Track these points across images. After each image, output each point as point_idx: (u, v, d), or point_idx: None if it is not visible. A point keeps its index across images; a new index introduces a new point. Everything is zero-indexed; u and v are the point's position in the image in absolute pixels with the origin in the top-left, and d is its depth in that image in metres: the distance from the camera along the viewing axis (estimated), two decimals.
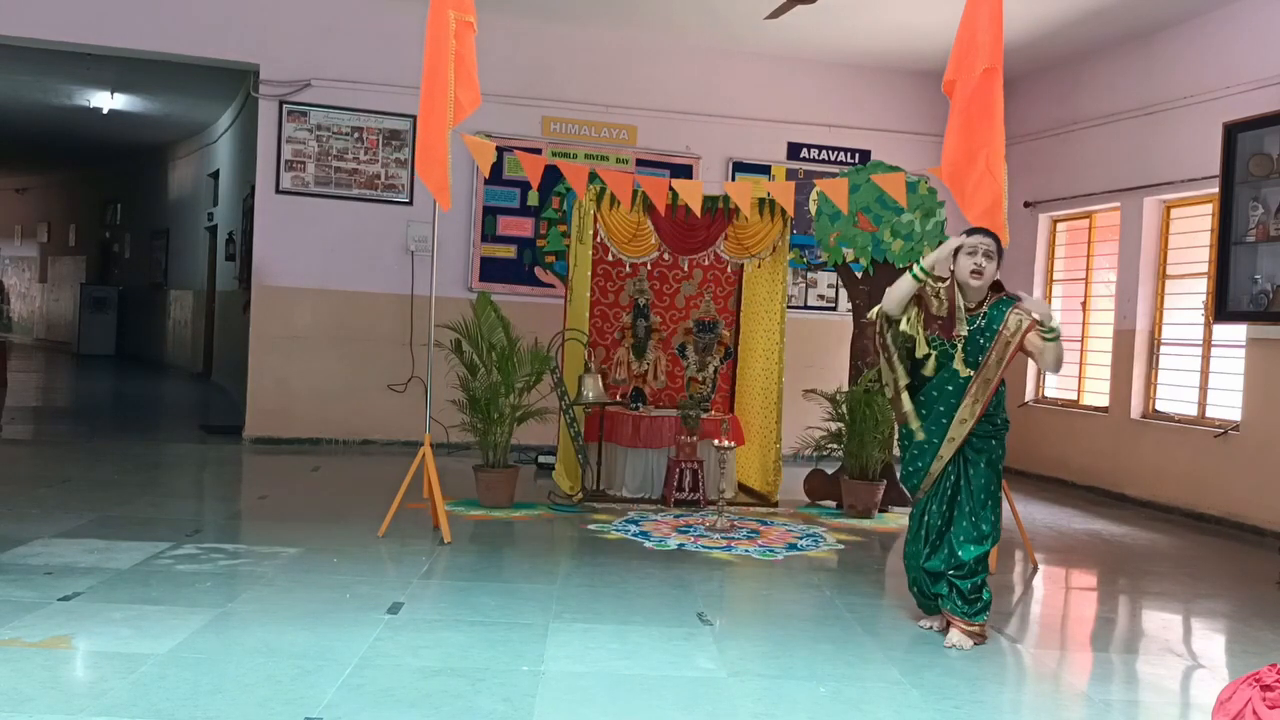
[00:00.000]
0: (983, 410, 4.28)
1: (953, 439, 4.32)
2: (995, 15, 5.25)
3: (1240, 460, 7.42)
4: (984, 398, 4.27)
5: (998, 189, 5.28)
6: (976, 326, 4.30)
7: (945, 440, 4.33)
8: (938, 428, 4.34)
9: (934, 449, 4.36)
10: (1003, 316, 4.28)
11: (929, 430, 4.36)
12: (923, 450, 4.40)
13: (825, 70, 10.09)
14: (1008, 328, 4.25)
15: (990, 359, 4.25)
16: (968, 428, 4.29)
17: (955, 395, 4.32)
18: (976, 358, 4.28)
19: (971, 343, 4.30)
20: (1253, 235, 7.25)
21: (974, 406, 4.29)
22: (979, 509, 4.36)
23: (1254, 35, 7.53)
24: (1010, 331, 4.24)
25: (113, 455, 8.28)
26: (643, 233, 7.24)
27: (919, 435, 4.39)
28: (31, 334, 23.13)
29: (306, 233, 9.13)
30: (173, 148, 17.09)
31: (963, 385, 4.31)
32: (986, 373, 4.26)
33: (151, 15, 8.79)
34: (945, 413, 4.34)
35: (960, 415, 4.29)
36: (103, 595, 4.36)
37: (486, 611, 4.44)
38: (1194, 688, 4.20)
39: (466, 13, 5.51)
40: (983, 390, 4.27)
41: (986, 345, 4.27)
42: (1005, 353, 4.25)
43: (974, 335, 4.30)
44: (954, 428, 4.31)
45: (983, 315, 4.31)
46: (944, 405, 4.34)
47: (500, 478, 6.77)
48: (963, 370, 4.29)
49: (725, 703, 3.59)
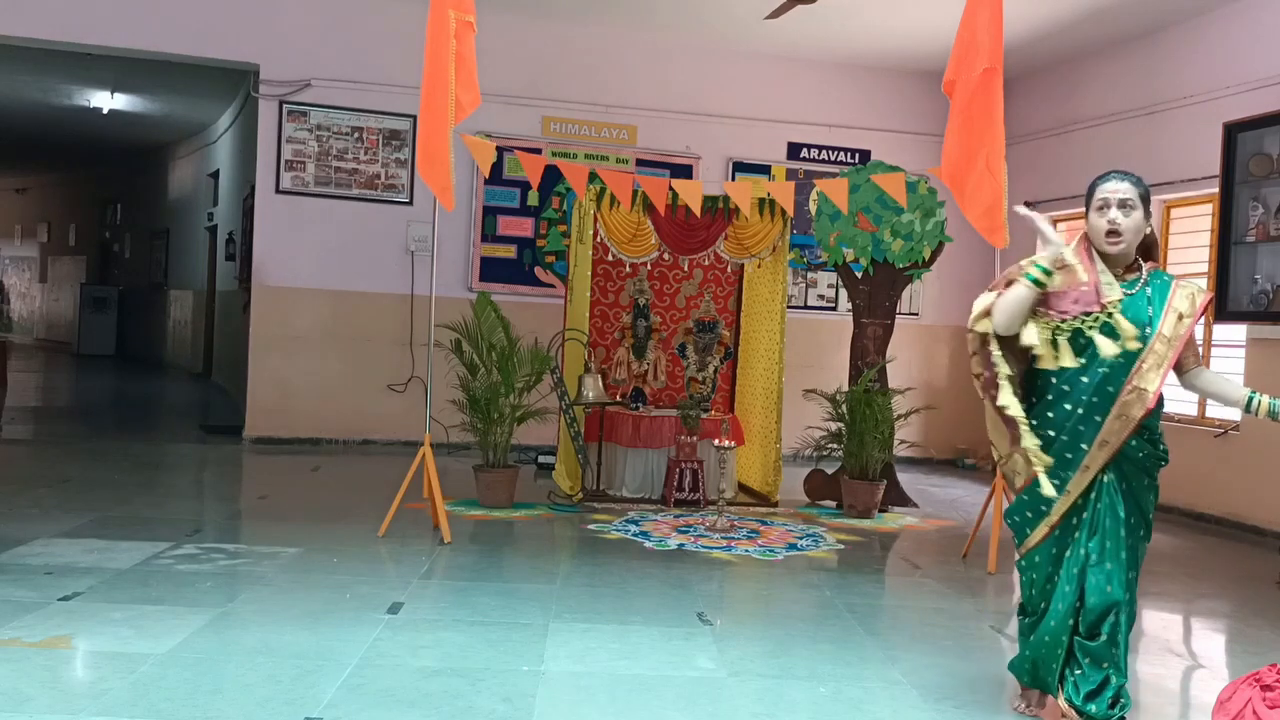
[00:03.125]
0: (1150, 408, 3.25)
1: (1105, 442, 3.28)
2: (995, 15, 5.25)
3: (1240, 460, 7.41)
4: (1155, 384, 3.23)
5: (998, 189, 5.27)
6: (1138, 292, 3.31)
7: (1096, 444, 3.29)
8: (1088, 427, 3.30)
9: (1080, 456, 3.31)
10: (1167, 287, 3.32)
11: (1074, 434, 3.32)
12: (1062, 462, 3.34)
13: (825, 70, 10.09)
14: (1178, 299, 3.29)
15: (1163, 330, 3.25)
16: (1127, 428, 3.26)
17: (1112, 381, 3.27)
18: (1144, 334, 3.26)
19: (1138, 318, 3.27)
20: (1253, 235, 7.25)
21: (1138, 400, 3.25)
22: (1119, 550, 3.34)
23: (1254, 35, 7.53)
24: (1183, 306, 3.28)
25: (113, 455, 8.28)
26: (643, 233, 7.25)
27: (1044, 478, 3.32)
28: (31, 334, 23.13)
29: (306, 233, 9.13)
30: (173, 148, 17.09)
31: (1120, 367, 3.26)
32: (1157, 355, 3.25)
33: (151, 15, 8.80)
34: (1099, 405, 3.28)
35: (1118, 411, 3.26)
36: (103, 595, 4.36)
37: (486, 611, 4.44)
38: (1194, 688, 4.20)
39: (466, 12, 5.51)
40: (1153, 375, 3.23)
41: (1154, 322, 3.26)
42: (1178, 331, 3.26)
43: (1135, 300, 3.29)
44: (1109, 427, 3.27)
45: (1143, 282, 3.33)
46: (1098, 396, 3.28)
47: (500, 478, 6.77)
48: (1130, 341, 3.23)
49: (725, 703, 3.59)
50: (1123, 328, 3.24)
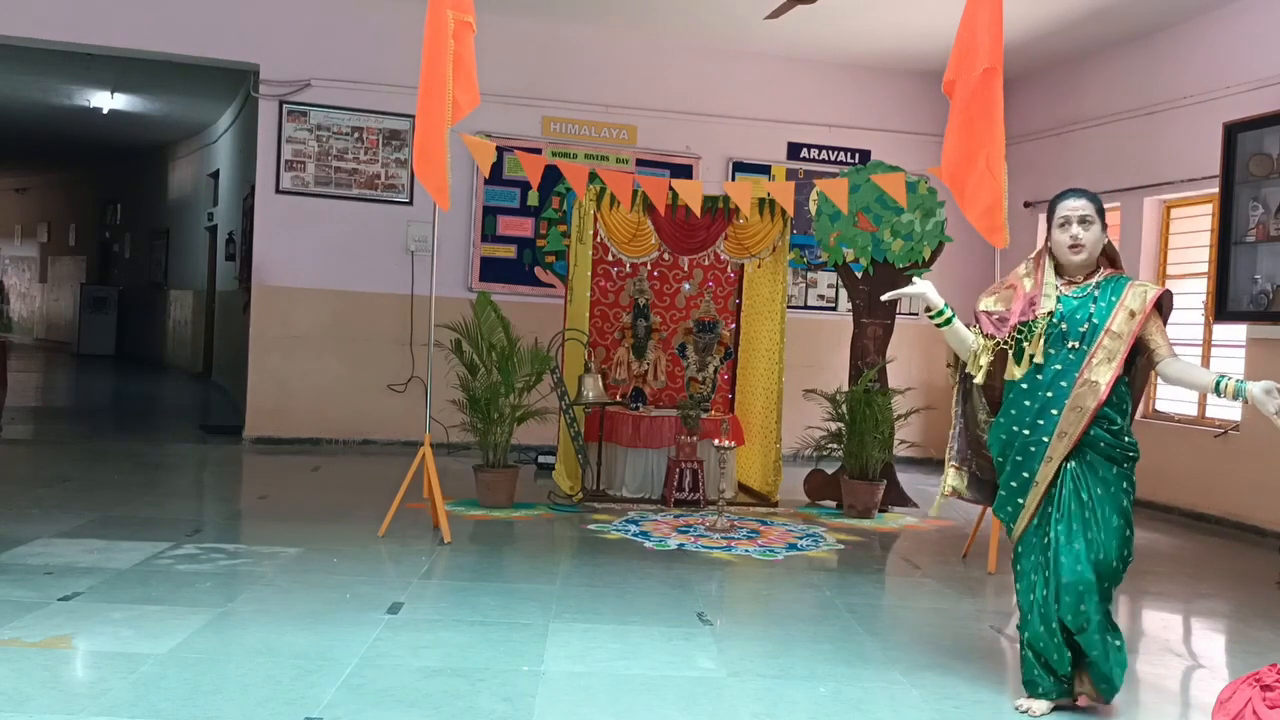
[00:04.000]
0: (1103, 399, 3.51)
1: (1064, 433, 3.55)
2: (995, 15, 5.25)
3: (1240, 460, 7.41)
4: (1107, 376, 3.51)
5: (998, 189, 5.27)
6: (1086, 296, 3.62)
7: (1055, 435, 3.57)
8: (1046, 420, 3.58)
9: (1042, 449, 3.59)
10: (1121, 288, 3.60)
11: (1034, 428, 3.60)
12: (1028, 456, 3.62)
13: (825, 70, 10.09)
14: (1130, 298, 3.57)
15: (1111, 326, 3.54)
16: (1084, 418, 3.51)
17: (1065, 376, 3.57)
18: (1080, 331, 3.57)
19: (1073, 316, 3.59)
20: (1253, 235, 7.25)
21: (1091, 393, 3.52)
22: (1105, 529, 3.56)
23: (1254, 35, 7.52)
24: (1134, 304, 3.55)
25: (113, 455, 8.28)
26: (643, 233, 7.25)
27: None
28: (31, 334, 23.13)
29: (306, 233, 9.13)
30: (173, 148, 17.08)
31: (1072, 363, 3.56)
32: (1106, 350, 3.53)
33: (151, 15, 8.80)
34: (1054, 400, 3.58)
35: (1073, 403, 3.54)
36: (103, 595, 4.36)
37: (486, 611, 4.44)
38: (1194, 688, 4.20)
39: (465, 13, 5.51)
40: (1104, 368, 3.52)
41: (1101, 318, 3.56)
42: (1129, 326, 3.53)
43: (1080, 305, 3.60)
44: (1065, 418, 3.54)
45: (1095, 286, 3.63)
46: (1051, 391, 3.59)
47: (500, 478, 6.77)
48: (1039, 354, 3.58)
49: (725, 703, 3.59)
50: (1035, 343, 3.61)
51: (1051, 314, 3.62)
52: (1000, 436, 3.71)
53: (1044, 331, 3.60)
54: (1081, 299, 3.63)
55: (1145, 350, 3.63)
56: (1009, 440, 3.67)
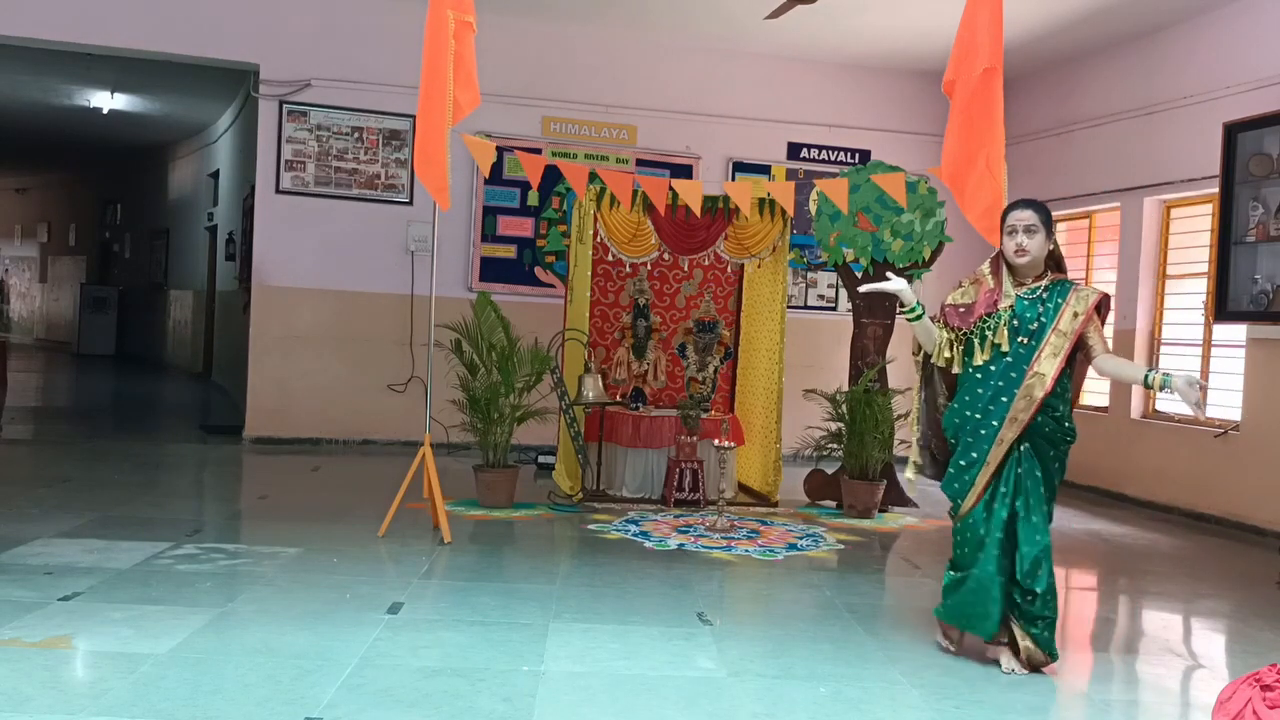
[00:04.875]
0: (1049, 389, 3.92)
1: (1015, 419, 3.95)
2: (995, 15, 5.24)
3: (1240, 460, 7.41)
4: (1052, 369, 3.92)
5: (998, 189, 5.26)
6: (1035, 297, 4.02)
7: (1007, 420, 3.97)
8: (998, 407, 3.99)
9: (992, 432, 3.99)
10: (1067, 292, 4.01)
11: (985, 413, 4.01)
12: (979, 438, 4.03)
13: (825, 70, 10.09)
14: (1075, 301, 3.96)
15: (1059, 325, 3.94)
16: (1032, 406, 3.93)
17: (1015, 368, 3.98)
18: (1031, 328, 3.99)
19: (1025, 315, 4.00)
20: (1253, 235, 7.26)
21: (1039, 383, 3.93)
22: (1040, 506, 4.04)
23: (1254, 35, 7.52)
24: (1079, 306, 3.95)
25: (113, 455, 8.28)
26: (643, 233, 7.24)
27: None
28: (31, 334, 23.14)
29: (306, 233, 9.13)
30: (173, 148, 17.09)
31: (1023, 357, 3.98)
32: (1053, 345, 3.94)
33: (151, 15, 8.80)
34: (1005, 388, 3.99)
35: (1022, 392, 3.95)
36: (103, 595, 4.36)
37: (486, 611, 4.44)
38: (1194, 688, 4.20)
39: (465, 13, 5.51)
40: (1049, 362, 3.93)
41: (1049, 318, 3.97)
42: (1074, 325, 3.93)
43: (1031, 305, 4.01)
44: (1016, 405, 3.95)
45: (1044, 289, 4.03)
46: (1002, 380, 4.00)
47: (500, 478, 6.77)
48: (1005, 343, 3.98)
49: (725, 703, 3.59)
50: (1000, 332, 4.02)
51: (1011, 308, 4.03)
52: (954, 420, 4.13)
53: (1006, 323, 4.01)
54: (1032, 300, 4.03)
55: (1084, 347, 4.03)
56: (962, 424, 4.09)
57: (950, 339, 4.15)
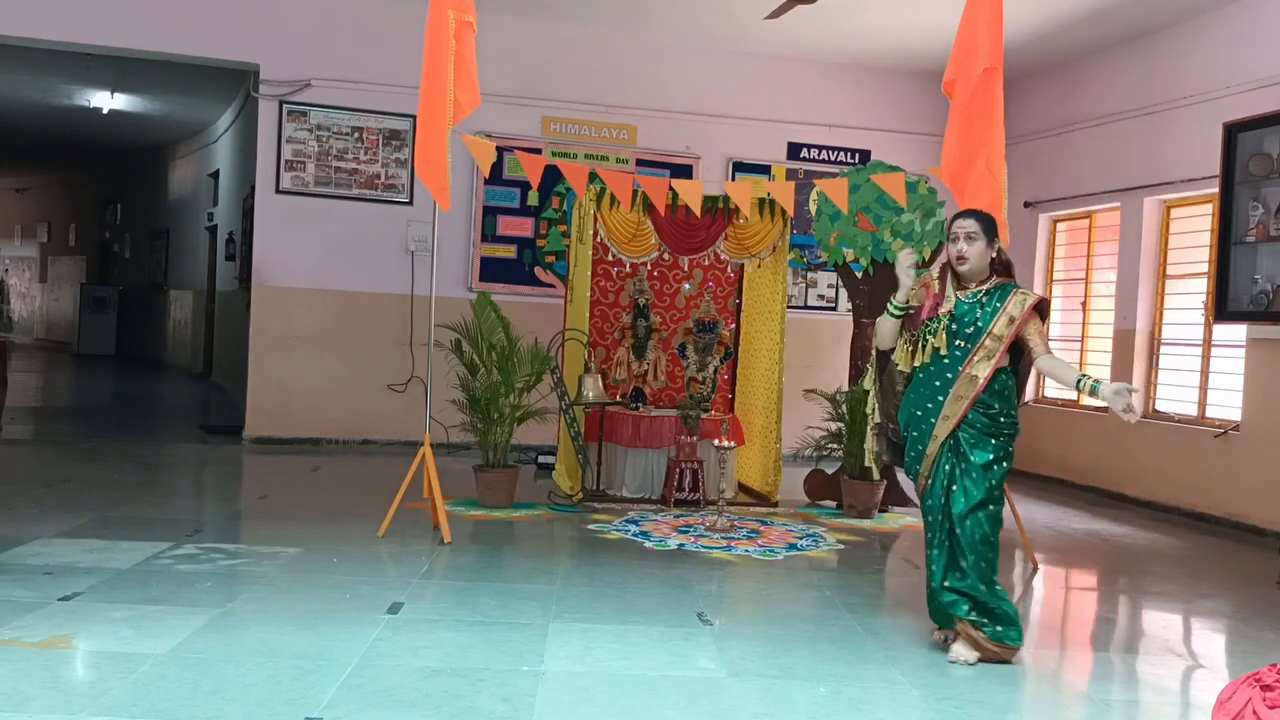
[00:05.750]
0: (980, 389, 4.10)
1: (948, 417, 4.17)
2: (995, 15, 5.25)
3: (1240, 460, 7.41)
4: (985, 371, 4.10)
5: (998, 189, 5.28)
6: (975, 301, 4.20)
7: (940, 418, 4.19)
8: (934, 405, 4.21)
9: (930, 428, 4.22)
10: (1006, 295, 4.17)
11: (924, 410, 4.24)
12: (921, 432, 4.27)
13: (825, 70, 10.09)
14: (1012, 305, 4.13)
15: (993, 329, 4.11)
16: (963, 405, 4.12)
17: (950, 369, 4.18)
18: (967, 332, 4.17)
19: (964, 318, 4.18)
20: (1253, 235, 7.26)
21: (971, 385, 4.13)
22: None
23: (1254, 35, 7.52)
24: (1015, 311, 4.11)
25: (113, 455, 8.28)
26: (643, 233, 7.24)
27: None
28: (31, 334, 23.13)
29: (306, 233, 9.13)
30: (173, 148, 17.08)
31: (957, 359, 4.17)
32: (987, 349, 4.11)
33: (151, 15, 8.80)
34: (940, 388, 4.20)
35: (956, 392, 4.15)
36: (103, 595, 4.36)
37: (486, 611, 4.44)
38: (1194, 688, 4.20)
39: (466, 13, 5.52)
40: (984, 364, 4.11)
41: (986, 322, 4.14)
42: (1009, 329, 4.10)
43: (970, 309, 4.19)
44: (949, 404, 4.17)
45: (984, 293, 4.20)
46: (938, 380, 4.21)
47: (500, 478, 6.77)
48: (943, 346, 4.18)
49: (725, 703, 3.59)
50: (939, 336, 4.20)
51: (950, 313, 4.22)
52: (904, 415, 4.39)
53: (944, 327, 4.20)
54: (972, 304, 4.21)
55: (1024, 347, 4.19)
56: (909, 418, 4.35)
57: (906, 337, 4.39)
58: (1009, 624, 4.12)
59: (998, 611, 4.11)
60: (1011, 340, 4.12)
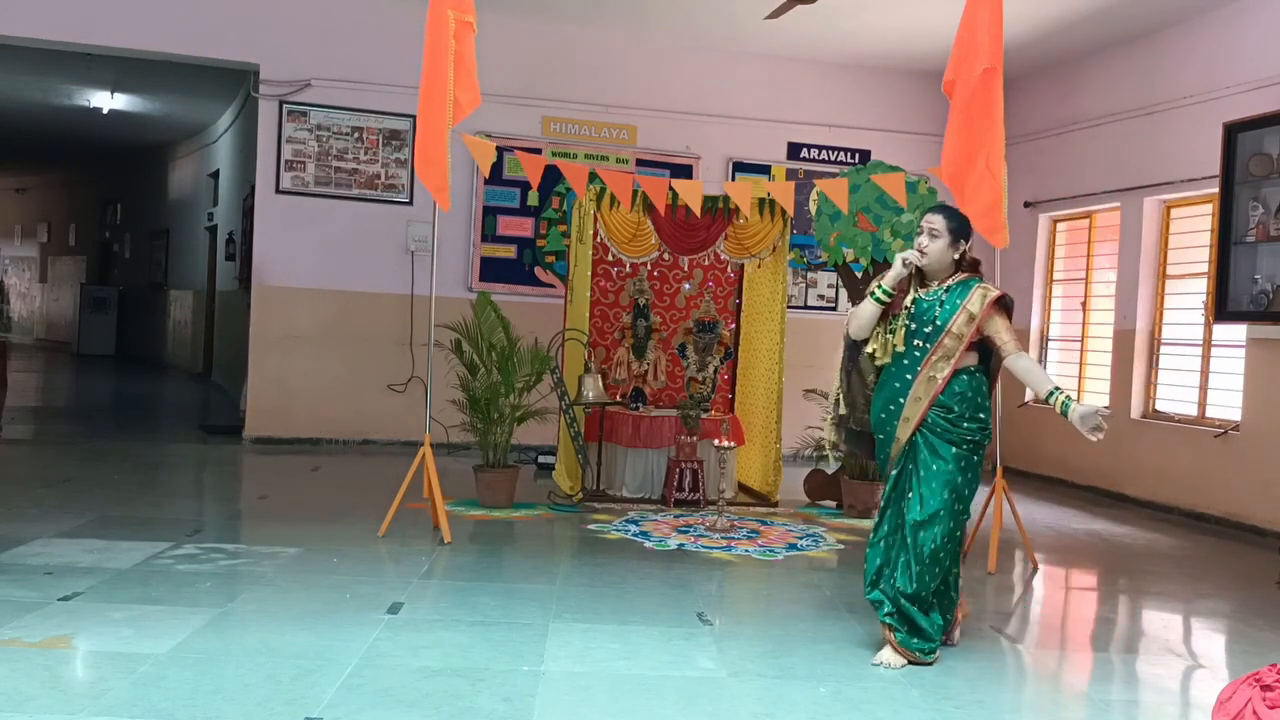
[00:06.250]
0: (939, 391, 3.99)
1: (908, 419, 4.06)
2: (995, 15, 5.25)
3: (1240, 460, 7.41)
4: (944, 371, 3.99)
5: (998, 189, 5.28)
6: (935, 299, 4.09)
7: (901, 420, 4.08)
8: (896, 407, 4.10)
9: (893, 430, 4.11)
10: (967, 291, 4.06)
11: (886, 412, 4.14)
12: (886, 435, 4.16)
13: (825, 70, 10.09)
14: (971, 301, 4.02)
15: (952, 328, 4.00)
16: (922, 406, 4.01)
17: (910, 370, 4.08)
18: (926, 331, 4.06)
19: (923, 316, 4.08)
20: (1253, 235, 7.26)
21: (929, 385, 4.02)
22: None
23: (1254, 35, 7.52)
24: (974, 308, 4.00)
25: (113, 455, 8.28)
26: (643, 233, 7.25)
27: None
28: (31, 334, 23.12)
29: (306, 233, 9.13)
30: (173, 148, 17.09)
31: (916, 359, 4.06)
32: (945, 349, 4.00)
33: (151, 15, 8.79)
34: (900, 389, 4.10)
35: (914, 393, 4.04)
36: (103, 595, 4.36)
37: (486, 611, 4.44)
38: (1194, 688, 4.20)
39: (466, 13, 5.51)
40: (942, 364, 4.00)
41: (945, 320, 4.03)
42: (969, 327, 3.99)
43: (929, 307, 4.08)
44: (909, 406, 4.06)
45: (945, 289, 4.10)
46: (899, 381, 4.11)
47: (500, 478, 6.77)
48: (899, 344, 4.09)
49: (725, 703, 3.59)
50: (897, 334, 4.11)
51: (909, 309, 4.11)
52: (873, 415, 4.27)
53: (903, 324, 4.11)
54: (931, 301, 4.10)
55: (992, 345, 4.08)
56: (874, 422, 4.25)
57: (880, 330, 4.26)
58: (924, 639, 3.99)
59: (917, 622, 4.00)
60: (972, 339, 4.01)
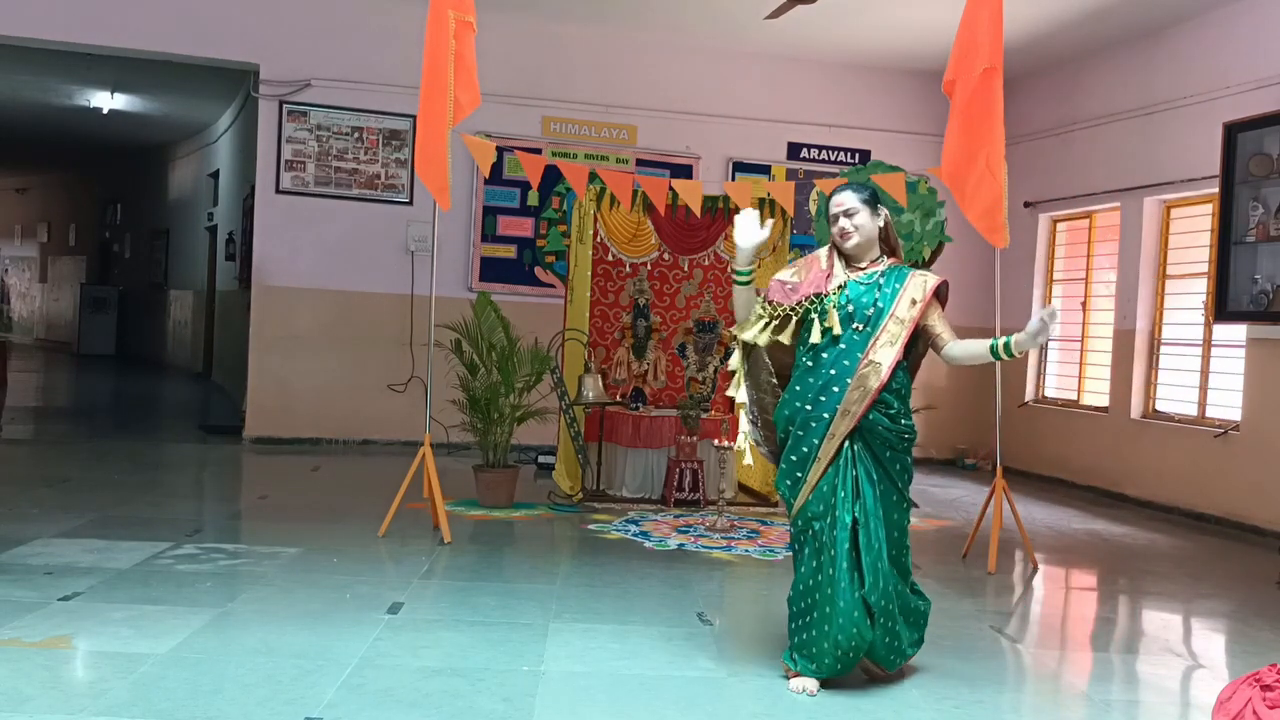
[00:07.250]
0: (885, 380, 3.68)
1: (848, 412, 3.70)
2: (995, 15, 5.26)
3: (1240, 460, 7.41)
4: (889, 358, 3.70)
5: (998, 189, 5.28)
6: (872, 283, 3.82)
7: (839, 413, 3.71)
8: (829, 397, 3.73)
9: (823, 425, 3.73)
10: (904, 277, 3.82)
11: (816, 404, 3.75)
12: (809, 430, 3.75)
13: (825, 70, 10.09)
14: (911, 288, 3.78)
15: (895, 312, 3.74)
16: (867, 398, 3.67)
17: (849, 354, 3.75)
18: (866, 314, 3.77)
19: (860, 301, 3.79)
20: (1253, 235, 7.26)
21: (874, 372, 3.70)
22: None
23: (1254, 35, 7.52)
24: (916, 294, 3.77)
25: (113, 455, 8.28)
26: (643, 233, 7.25)
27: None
28: (31, 334, 23.12)
29: (306, 233, 9.13)
30: (173, 148, 17.09)
31: (857, 344, 3.74)
32: (890, 333, 3.73)
33: (151, 15, 8.79)
34: (838, 377, 3.74)
35: (857, 381, 3.70)
36: (103, 595, 4.36)
37: (486, 611, 4.44)
38: (1194, 688, 4.20)
39: (466, 13, 5.52)
40: (888, 348, 3.71)
41: (886, 304, 3.76)
42: (912, 312, 3.74)
43: (867, 291, 3.80)
44: (850, 395, 3.70)
45: (880, 275, 3.83)
46: (834, 369, 3.75)
47: (500, 478, 6.77)
48: (836, 326, 3.74)
49: (725, 703, 3.59)
50: (830, 315, 3.77)
51: (842, 288, 3.81)
52: (784, 412, 3.86)
53: (836, 306, 3.78)
54: (868, 285, 3.83)
55: (928, 336, 3.84)
56: (792, 415, 3.83)
57: (766, 316, 3.91)
58: (807, 657, 3.71)
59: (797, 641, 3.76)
60: (915, 326, 3.75)
